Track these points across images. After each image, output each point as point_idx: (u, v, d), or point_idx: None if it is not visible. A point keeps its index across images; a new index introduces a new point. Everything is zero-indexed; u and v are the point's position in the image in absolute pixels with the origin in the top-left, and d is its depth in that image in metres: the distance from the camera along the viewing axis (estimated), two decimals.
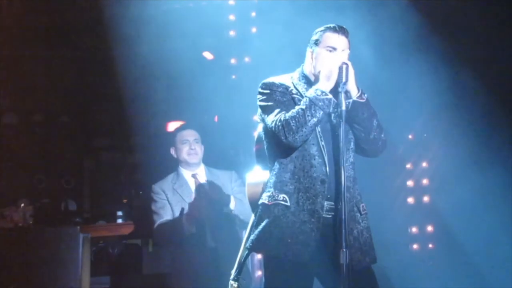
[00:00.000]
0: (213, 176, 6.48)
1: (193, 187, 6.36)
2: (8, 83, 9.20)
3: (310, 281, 4.24)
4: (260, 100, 4.32)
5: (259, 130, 4.50)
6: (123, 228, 7.68)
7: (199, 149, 6.50)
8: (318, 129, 4.22)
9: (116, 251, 8.14)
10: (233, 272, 4.61)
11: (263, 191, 4.36)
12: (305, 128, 4.11)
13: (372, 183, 6.83)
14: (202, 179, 6.44)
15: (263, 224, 4.21)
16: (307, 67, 4.40)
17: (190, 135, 6.51)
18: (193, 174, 6.44)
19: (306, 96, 4.16)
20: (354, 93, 4.22)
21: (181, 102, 8.38)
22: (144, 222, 7.47)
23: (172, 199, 6.31)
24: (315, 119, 4.12)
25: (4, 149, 9.25)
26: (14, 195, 8.19)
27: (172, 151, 6.52)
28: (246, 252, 4.48)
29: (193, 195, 6.23)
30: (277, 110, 4.21)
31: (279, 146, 4.21)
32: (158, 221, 6.28)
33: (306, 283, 4.22)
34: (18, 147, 9.27)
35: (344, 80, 4.13)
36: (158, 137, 8.59)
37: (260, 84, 4.36)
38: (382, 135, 4.36)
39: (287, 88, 4.31)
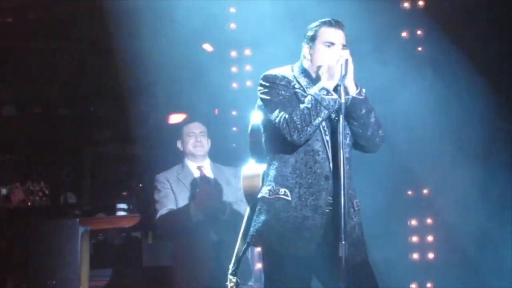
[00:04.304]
0: (218, 171, 6.48)
1: (198, 178, 6.36)
2: (8, 75, 9.19)
3: (310, 276, 4.24)
4: (262, 93, 4.28)
5: (253, 121, 4.46)
6: (123, 221, 7.68)
7: (205, 142, 6.50)
8: (323, 123, 4.20)
9: (115, 243, 8.14)
10: (231, 266, 4.58)
11: (260, 184, 4.34)
12: (310, 127, 4.09)
13: (372, 174, 6.87)
14: (207, 171, 6.44)
15: (263, 218, 4.20)
16: (305, 63, 4.36)
17: (197, 127, 6.52)
18: (199, 166, 6.44)
19: (310, 95, 4.13)
20: (353, 89, 4.20)
21: (181, 94, 8.37)
22: (144, 215, 7.47)
23: (176, 189, 6.30)
24: (320, 119, 4.10)
25: (3, 141, 9.25)
26: None
27: (179, 144, 6.53)
28: (245, 246, 4.46)
29: (199, 185, 6.22)
30: (280, 106, 4.18)
31: (280, 141, 4.18)
32: (161, 210, 6.27)
33: (307, 277, 4.22)
34: (17, 139, 9.27)
35: (343, 73, 4.11)
36: (159, 129, 8.58)
37: (261, 76, 4.32)
38: (380, 131, 4.34)
39: (289, 81, 4.27)
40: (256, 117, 4.41)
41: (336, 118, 4.15)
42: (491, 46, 7.41)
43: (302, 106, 4.12)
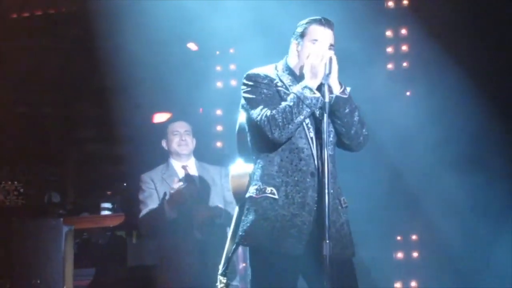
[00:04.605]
0: (203, 170, 6.47)
1: (183, 178, 6.34)
2: None
3: (298, 274, 4.24)
4: (245, 92, 4.29)
5: (240, 120, 4.47)
6: (107, 220, 7.67)
7: (190, 141, 6.50)
8: (306, 120, 4.20)
9: (100, 242, 8.13)
10: (221, 267, 4.58)
11: (248, 183, 4.33)
12: (291, 125, 4.10)
13: (357, 174, 6.88)
14: (192, 171, 6.43)
15: (251, 218, 4.19)
16: (292, 60, 4.38)
17: (181, 126, 6.51)
18: (183, 165, 6.44)
19: (293, 93, 4.14)
20: (337, 88, 4.20)
21: (166, 93, 8.36)
22: (128, 214, 7.46)
23: (160, 188, 6.30)
24: (301, 117, 4.11)
25: None
26: None
27: (164, 143, 6.53)
28: (234, 246, 4.46)
29: (182, 184, 6.21)
30: (262, 104, 4.18)
31: (264, 140, 4.18)
32: (145, 210, 6.27)
33: (295, 275, 4.22)
34: (1, 139, 9.22)
35: (327, 72, 4.11)
36: (143, 128, 8.57)
37: (244, 75, 4.33)
38: (364, 130, 4.35)
39: (272, 80, 4.28)
40: (243, 117, 4.42)
41: (320, 116, 4.16)
42: (476, 45, 7.43)
43: (284, 104, 4.13)
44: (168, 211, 6.09)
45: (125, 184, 8.85)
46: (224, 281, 4.54)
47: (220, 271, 4.56)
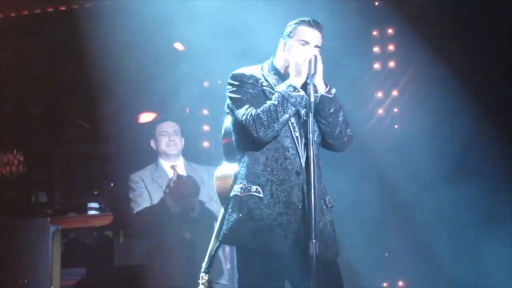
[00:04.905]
0: (191, 170, 6.49)
1: (172, 177, 6.35)
2: None
3: (283, 273, 4.24)
4: (230, 92, 4.31)
5: (226, 123, 4.48)
6: (94, 220, 7.66)
7: (179, 141, 6.52)
8: (292, 120, 4.23)
9: (87, 242, 8.12)
10: (204, 264, 4.60)
11: (233, 184, 4.34)
12: (277, 124, 4.12)
13: (345, 173, 6.90)
14: (181, 171, 6.45)
15: (236, 216, 4.21)
16: (278, 59, 4.41)
17: (170, 127, 6.54)
18: (172, 165, 6.46)
19: (278, 92, 4.17)
20: (322, 88, 4.23)
21: (152, 93, 8.36)
22: (116, 214, 7.46)
23: (151, 188, 6.33)
24: (286, 115, 4.13)
25: None
26: None
27: (152, 143, 6.55)
28: (217, 244, 4.48)
29: (172, 184, 6.22)
30: (248, 103, 4.21)
31: (249, 139, 4.20)
32: (137, 209, 6.29)
33: (280, 274, 4.22)
34: None
35: (312, 71, 4.14)
36: (129, 128, 8.56)
37: (230, 75, 4.35)
38: (348, 130, 4.39)
39: (257, 80, 4.31)
40: (229, 120, 4.43)
41: (305, 115, 4.19)
42: (460, 45, 7.46)
43: (269, 102, 4.15)
44: (171, 205, 6.11)
45: (112, 184, 8.84)
46: (206, 277, 4.58)
47: (202, 269, 4.59)
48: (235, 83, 4.30)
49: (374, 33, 7.94)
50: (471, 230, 7.08)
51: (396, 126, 7.86)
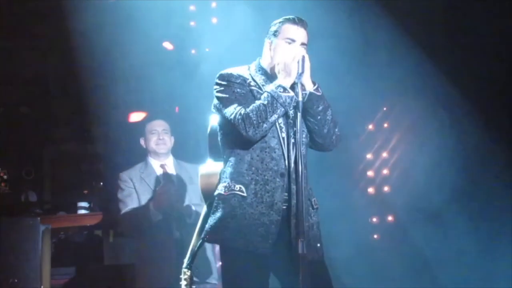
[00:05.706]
0: (181, 168, 6.48)
1: (161, 176, 6.37)
2: None
3: (267, 272, 4.23)
4: (218, 91, 4.31)
5: (212, 122, 4.48)
6: (84, 219, 7.68)
7: (168, 140, 6.51)
8: (279, 120, 4.23)
9: (77, 241, 8.13)
10: (185, 260, 4.63)
11: (217, 182, 4.34)
12: (266, 124, 4.12)
13: (332, 175, 6.93)
14: (171, 169, 6.45)
15: (218, 215, 4.21)
16: (265, 60, 4.41)
17: (159, 125, 6.52)
18: (162, 164, 6.45)
19: (267, 92, 4.17)
20: (310, 86, 4.24)
21: (142, 92, 8.36)
22: (105, 213, 7.47)
23: (139, 188, 6.31)
24: (275, 115, 4.13)
25: None
26: None
27: (142, 142, 6.54)
28: (200, 241, 4.49)
29: (161, 184, 6.23)
30: (236, 103, 4.20)
31: (237, 138, 4.20)
32: (124, 209, 6.27)
33: (264, 273, 4.21)
34: None
35: (300, 71, 4.15)
36: (119, 127, 8.57)
37: (217, 75, 4.35)
38: (336, 130, 4.38)
39: (245, 80, 4.30)
40: (215, 119, 4.44)
41: (293, 116, 4.20)
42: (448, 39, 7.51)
43: (258, 102, 4.15)
44: (153, 213, 6.12)
45: (101, 183, 8.87)
46: (188, 273, 4.60)
47: (184, 264, 4.61)
48: (223, 82, 4.30)
49: None
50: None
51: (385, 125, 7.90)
